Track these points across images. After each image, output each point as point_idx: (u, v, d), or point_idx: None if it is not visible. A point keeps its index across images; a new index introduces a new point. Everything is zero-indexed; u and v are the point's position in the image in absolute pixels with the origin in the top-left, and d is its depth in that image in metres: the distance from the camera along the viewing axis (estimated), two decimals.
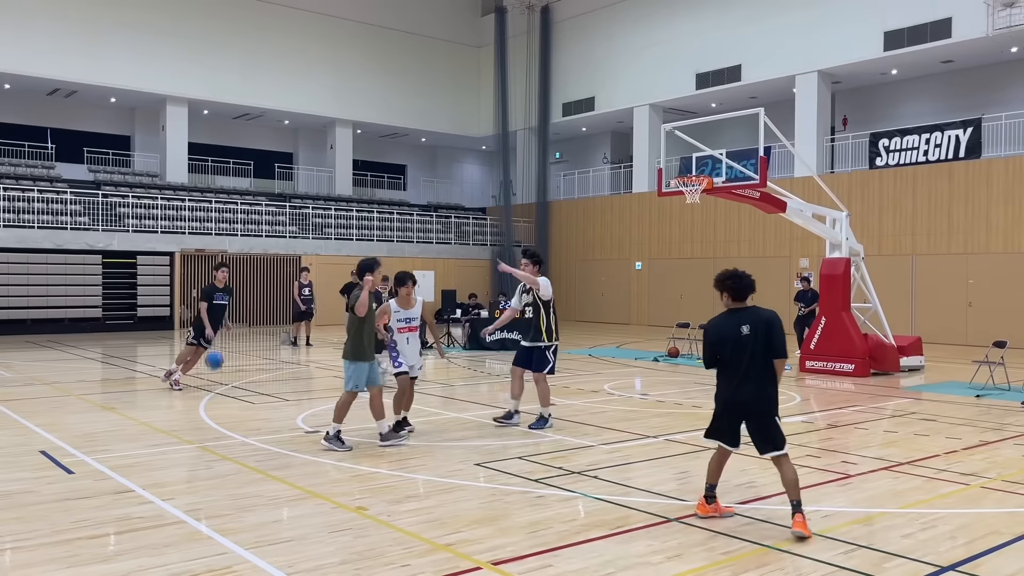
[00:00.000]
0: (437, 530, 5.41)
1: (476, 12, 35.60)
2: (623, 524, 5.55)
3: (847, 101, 26.79)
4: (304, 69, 30.89)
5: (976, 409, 10.77)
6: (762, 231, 25.29)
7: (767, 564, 4.82)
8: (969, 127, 21.61)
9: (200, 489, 6.51)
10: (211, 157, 31.66)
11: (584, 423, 9.47)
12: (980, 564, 4.84)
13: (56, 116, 29.15)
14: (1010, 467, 7.47)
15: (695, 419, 9.83)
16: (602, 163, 33.92)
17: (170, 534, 5.30)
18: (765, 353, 5.46)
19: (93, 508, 5.87)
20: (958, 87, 24.37)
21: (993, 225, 20.84)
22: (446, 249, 31.56)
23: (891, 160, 23.01)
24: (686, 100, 28.25)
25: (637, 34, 29.27)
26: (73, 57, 26.31)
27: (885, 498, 6.34)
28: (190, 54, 28.52)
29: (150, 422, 9.36)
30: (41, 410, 10.22)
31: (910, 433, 9.04)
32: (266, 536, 5.27)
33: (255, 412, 10.25)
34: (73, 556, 4.89)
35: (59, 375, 14.13)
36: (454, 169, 39.08)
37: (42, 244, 23.16)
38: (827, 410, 10.78)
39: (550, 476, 6.89)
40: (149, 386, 12.96)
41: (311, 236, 28.50)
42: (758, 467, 7.31)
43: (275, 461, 7.42)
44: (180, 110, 29.02)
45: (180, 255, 25.41)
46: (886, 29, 22.72)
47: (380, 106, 32.84)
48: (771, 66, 25.37)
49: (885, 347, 14.56)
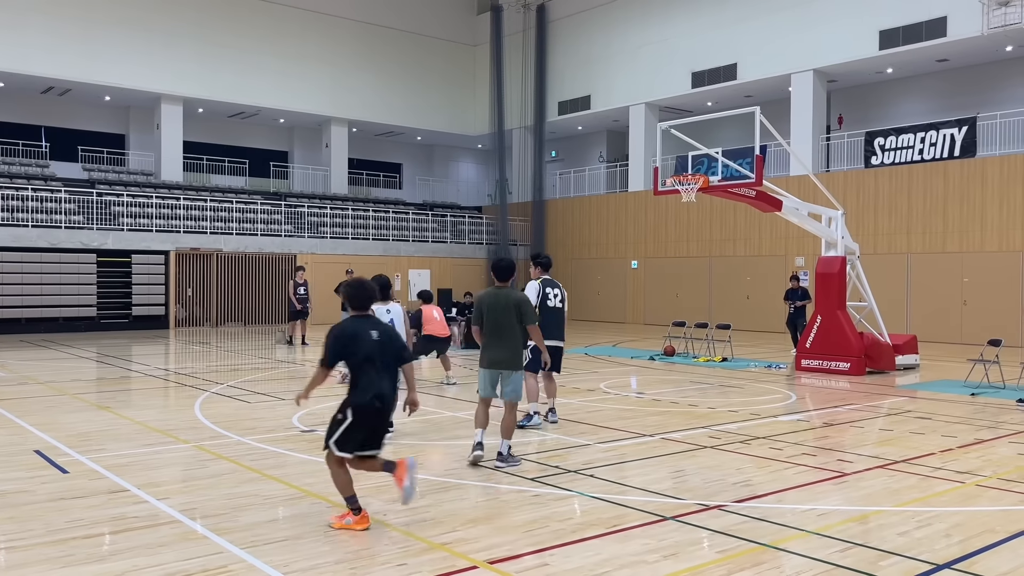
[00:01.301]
0: (433, 529, 5.40)
1: (472, 11, 35.58)
2: (619, 523, 5.55)
3: (842, 100, 26.82)
4: (299, 67, 30.84)
5: (971, 407, 10.79)
6: (758, 230, 25.32)
7: (763, 563, 4.82)
8: (964, 126, 21.65)
9: (195, 488, 6.49)
10: (206, 156, 31.60)
11: (580, 422, 9.47)
12: (975, 562, 4.85)
13: (50, 114, 29.08)
14: (1005, 465, 7.49)
15: (691, 418, 9.84)
16: (598, 162, 33.92)
17: (165, 534, 5.28)
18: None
19: (88, 508, 5.86)
20: (953, 86, 24.42)
21: (988, 224, 20.89)
22: (442, 248, 31.54)
23: (886, 159, 23.05)
24: (682, 99, 28.27)
25: (633, 33, 29.28)
26: (67, 55, 26.23)
27: (881, 496, 6.35)
28: (185, 52, 28.45)
29: (145, 421, 9.33)
30: (36, 409, 10.19)
31: (905, 431, 9.05)
32: (262, 535, 5.26)
33: (250, 411, 10.24)
34: (68, 556, 4.87)
35: (54, 374, 14.09)
36: (450, 168, 39.05)
37: (36, 243, 23.09)
38: (823, 408, 10.80)
39: (546, 475, 6.88)
40: (144, 385, 12.94)
41: (306, 235, 28.46)
42: (753, 466, 7.32)
43: (271, 460, 7.41)
44: (175, 108, 28.95)
45: (175, 254, 25.36)
46: (881, 28, 22.75)
47: (376, 105, 32.80)
48: (767, 65, 25.39)
49: (881, 346, 14.59)
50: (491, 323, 7.15)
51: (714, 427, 9.19)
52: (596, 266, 30.69)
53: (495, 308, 7.16)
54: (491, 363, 7.14)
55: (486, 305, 7.20)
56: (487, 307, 7.19)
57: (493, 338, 7.15)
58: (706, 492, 6.38)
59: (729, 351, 16.94)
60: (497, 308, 7.15)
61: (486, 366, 7.18)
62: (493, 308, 7.16)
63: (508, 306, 7.14)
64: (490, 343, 7.17)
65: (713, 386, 12.69)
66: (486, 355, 7.18)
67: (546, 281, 9.29)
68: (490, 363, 7.15)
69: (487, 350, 7.18)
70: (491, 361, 7.14)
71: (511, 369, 7.13)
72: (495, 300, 7.20)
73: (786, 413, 10.30)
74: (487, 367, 7.17)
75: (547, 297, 9.18)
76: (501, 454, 7.17)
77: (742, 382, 13.24)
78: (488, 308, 7.17)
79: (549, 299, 9.19)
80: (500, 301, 7.18)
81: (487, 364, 7.17)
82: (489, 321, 7.16)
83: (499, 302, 7.18)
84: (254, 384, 12.75)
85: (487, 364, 7.17)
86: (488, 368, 7.16)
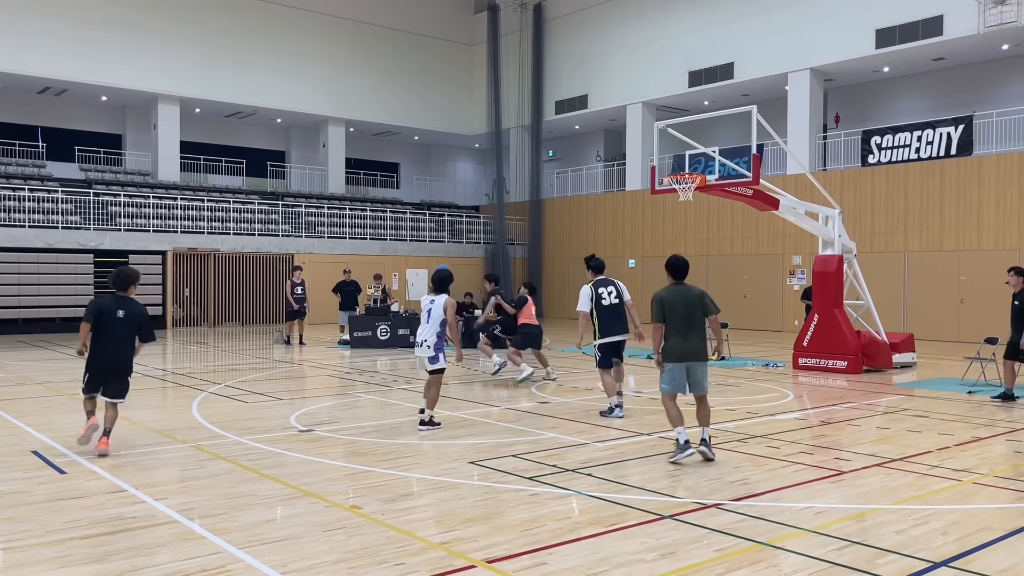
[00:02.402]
0: (431, 528, 5.41)
1: (469, 10, 35.57)
2: (617, 521, 5.56)
3: (839, 98, 26.85)
4: (297, 67, 30.82)
5: (968, 405, 10.81)
6: (755, 229, 25.34)
7: (760, 561, 4.83)
8: (961, 124, 21.69)
9: (193, 488, 6.49)
10: (203, 156, 31.57)
11: (578, 420, 9.48)
12: (972, 560, 4.86)
13: (47, 115, 29.03)
14: (1002, 463, 7.51)
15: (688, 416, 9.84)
16: (595, 161, 33.93)
17: (163, 534, 5.28)
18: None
19: (86, 508, 5.85)
20: (950, 84, 24.46)
21: (984, 222, 20.93)
22: (439, 248, 31.54)
23: (883, 157, 23.08)
24: (679, 98, 28.29)
25: (630, 32, 29.29)
26: (64, 55, 26.19)
27: (878, 494, 6.36)
28: (182, 52, 28.43)
29: (143, 422, 9.33)
30: (33, 410, 10.19)
31: (902, 429, 9.07)
32: (260, 535, 5.26)
33: (248, 411, 10.23)
34: (66, 556, 4.87)
35: (51, 375, 14.08)
36: (447, 167, 39.04)
37: (33, 243, 23.06)
38: (820, 407, 10.81)
39: (544, 474, 6.89)
40: (142, 385, 12.92)
41: (304, 235, 28.46)
42: (751, 464, 7.33)
43: (268, 460, 7.40)
44: (172, 108, 28.92)
45: (172, 254, 25.34)
46: (878, 27, 22.78)
47: (373, 104, 32.79)
48: (763, 64, 25.41)
49: (878, 344, 14.61)
50: (679, 319, 7.41)
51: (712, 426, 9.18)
52: None
53: (683, 303, 7.46)
54: (681, 356, 7.38)
55: (672, 301, 7.46)
56: (673, 303, 7.45)
57: (682, 332, 7.41)
58: (704, 491, 6.39)
59: (727, 350, 16.95)
60: (685, 303, 7.46)
61: (676, 359, 7.39)
62: (681, 303, 7.46)
63: (693, 300, 7.48)
64: (679, 337, 7.40)
65: (711, 384, 12.68)
66: (675, 349, 7.39)
67: (598, 282, 9.90)
68: (680, 356, 7.38)
69: (678, 345, 7.40)
70: (682, 353, 7.37)
71: (703, 360, 7.45)
72: (681, 296, 7.50)
73: (784, 412, 10.32)
74: (677, 360, 7.39)
75: (601, 297, 9.77)
76: (704, 440, 7.43)
77: (739, 380, 13.25)
78: (675, 304, 7.46)
79: (604, 298, 9.77)
80: (686, 296, 7.49)
81: (677, 358, 7.39)
82: (677, 317, 7.41)
83: (685, 297, 7.48)
84: (252, 384, 12.74)
85: (677, 358, 7.39)
86: (678, 361, 7.40)
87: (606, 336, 9.71)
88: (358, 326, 19.08)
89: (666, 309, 7.44)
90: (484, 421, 9.49)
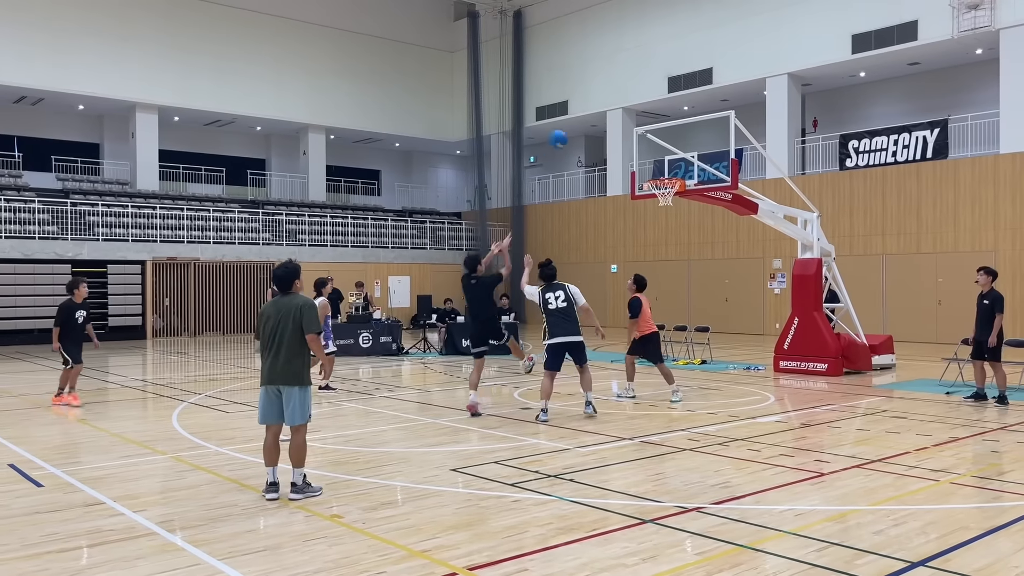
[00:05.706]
0: (413, 536, 5.39)
1: (449, 17, 35.59)
2: (599, 527, 5.57)
3: (817, 103, 27.09)
4: (276, 75, 30.72)
5: (946, 406, 10.93)
6: (735, 233, 25.50)
7: (741, 564, 4.86)
8: (936, 128, 21.94)
9: (173, 500, 6.44)
10: (182, 164, 31.36)
11: (560, 426, 9.49)
12: (950, 559, 4.91)
13: (23, 124, 28.72)
14: (979, 463, 7.59)
15: (670, 420, 9.89)
16: (576, 167, 34.01)
17: (142, 546, 5.24)
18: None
19: (63, 521, 5.79)
20: (925, 89, 24.74)
21: (961, 224, 21.16)
22: (421, 254, 31.51)
23: (860, 161, 23.30)
24: (658, 103, 28.44)
25: (609, 38, 29.43)
26: (39, 64, 25.96)
27: (857, 495, 6.41)
28: (159, 60, 28.25)
29: (122, 433, 9.24)
30: (10, 422, 10.06)
31: (882, 431, 9.15)
32: (240, 546, 5.23)
33: (229, 421, 10.17)
34: (43, 570, 4.81)
35: (28, 387, 13.93)
36: (428, 174, 39.01)
37: (10, 254, 22.81)
38: (800, 409, 10.88)
39: (526, 480, 6.89)
40: (121, 396, 12.81)
41: (284, 243, 28.32)
42: (732, 467, 7.37)
43: (249, 470, 7.36)
44: (150, 117, 28.72)
45: (152, 263, 25.15)
46: (854, 32, 23.01)
47: (353, 111, 32.72)
48: (742, 69, 25.60)
49: (857, 346, 14.73)
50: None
51: (693, 429, 9.24)
52: (576, 271, 30.70)
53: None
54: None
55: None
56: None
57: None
58: (685, 494, 6.42)
59: (708, 353, 17.04)
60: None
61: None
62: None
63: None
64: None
65: (692, 388, 12.75)
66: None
67: (547, 287, 10.26)
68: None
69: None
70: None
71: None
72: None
73: (765, 414, 10.38)
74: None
75: (547, 301, 10.14)
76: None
77: (721, 384, 13.31)
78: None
79: (550, 303, 10.12)
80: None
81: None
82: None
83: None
84: (232, 394, 12.66)
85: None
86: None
87: (552, 338, 10.02)
88: (340, 334, 18.97)
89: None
90: (465, 428, 9.48)
